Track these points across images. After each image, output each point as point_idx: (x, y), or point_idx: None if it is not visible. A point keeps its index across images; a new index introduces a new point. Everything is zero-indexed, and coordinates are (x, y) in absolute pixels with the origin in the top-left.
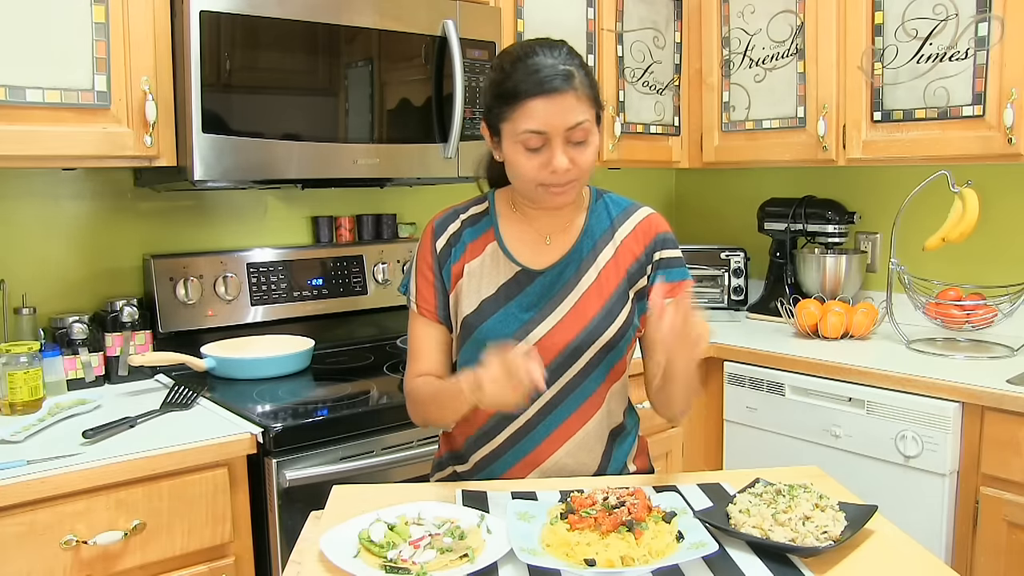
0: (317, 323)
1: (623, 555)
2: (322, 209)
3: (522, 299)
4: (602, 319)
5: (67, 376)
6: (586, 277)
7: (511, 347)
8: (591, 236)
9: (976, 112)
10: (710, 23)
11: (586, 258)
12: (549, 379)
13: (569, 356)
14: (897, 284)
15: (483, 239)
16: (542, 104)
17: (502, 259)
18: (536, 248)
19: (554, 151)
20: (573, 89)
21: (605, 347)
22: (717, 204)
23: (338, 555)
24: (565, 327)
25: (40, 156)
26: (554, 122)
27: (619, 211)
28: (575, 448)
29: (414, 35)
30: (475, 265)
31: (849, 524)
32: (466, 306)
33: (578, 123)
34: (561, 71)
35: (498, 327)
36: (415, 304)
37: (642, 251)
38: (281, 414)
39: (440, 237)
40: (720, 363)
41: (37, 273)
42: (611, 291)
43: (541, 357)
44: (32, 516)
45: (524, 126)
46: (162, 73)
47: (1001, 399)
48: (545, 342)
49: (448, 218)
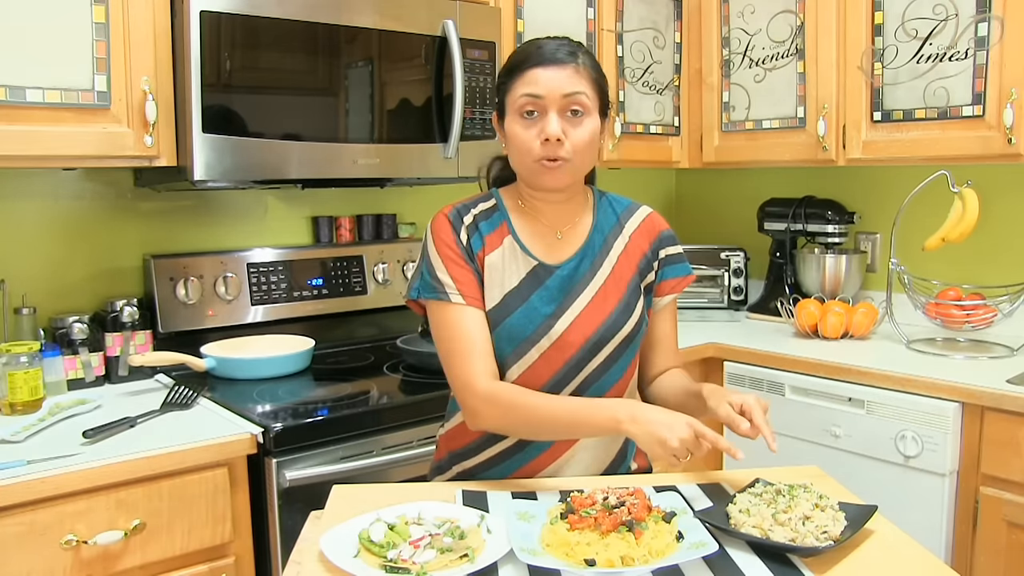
0: (317, 323)
1: (623, 555)
2: (322, 209)
3: (542, 293)
4: (621, 312)
5: (67, 376)
6: (601, 271)
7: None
8: (601, 231)
9: (976, 112)
10: (710, 23)
11: (599, 252)
12: (569, 373)
13: (590, 350)
14: (897, 284)
15: (499, 232)
16: (542, 71)
17: (519, 253)
18: (548, 243)
19: (547, 119)
20: (575, 63)
21: (625, 340)
22: (717, 204)
23: (338, 555)
24: (585, 321)
25: (40, 156)
26: (551, 85)
27: (623, 208)
28: (594, 442)
29: (414, 35)
30: (495, 257)
31: (849, 524)
32: (488, 300)
33: (575, 92)
34: (568, 47)
35: (522, 322)
36: (458, 294)
37: (648, 247)
38: (281, 414)
39: (460, 228)
40: (720, 363)
41: (37, 273)
42: (626, 284)
43: (563, 352)
44: (32, 516)
45: (521, 90)
46: (162, 73)
47: (1001, 399)
48: (566, 336)
49: (459, 212)
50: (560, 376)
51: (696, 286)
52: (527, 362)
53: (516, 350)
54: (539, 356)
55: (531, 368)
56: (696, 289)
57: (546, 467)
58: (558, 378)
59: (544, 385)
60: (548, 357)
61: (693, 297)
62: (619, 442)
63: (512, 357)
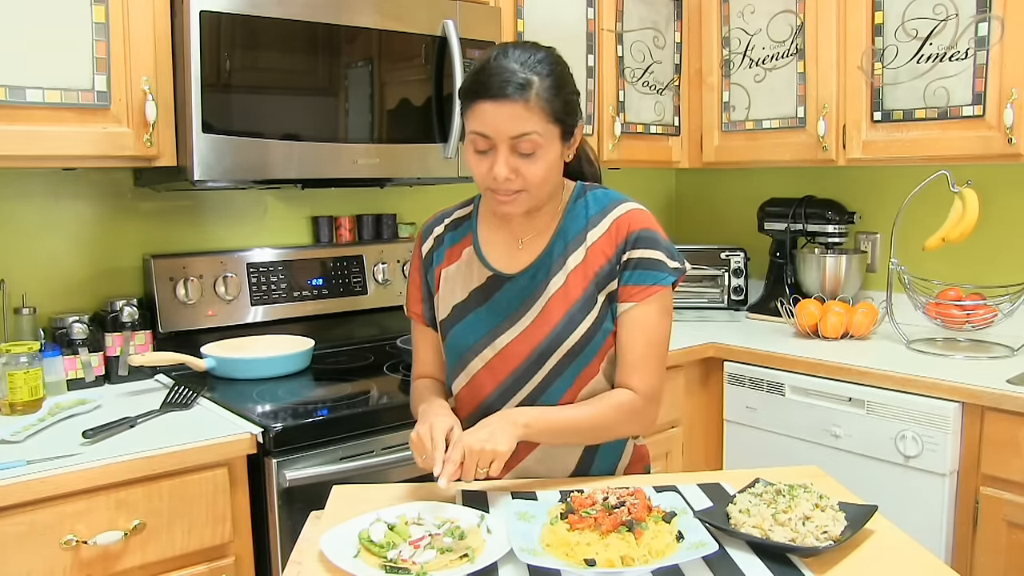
0: (317, 323)
1: (623, 555)
2: (322, 209)
3: (491, 305)
4: (565, 326)
5: (67, 376)
6: (553, 282)
7: (445, 426)
8: (563, 238)
9: (976, 112)
10: (710, 23)
11: (555, 262)
12: (515, 385)
13: (534, 362)
14: (897, 284)
15: (461, 244)
16: (490, 107)
17: (476, 264)
18: (510, 252)
19: (496, 158)
20: (524, 99)
21: (569, 353)
22: (717, 204)
23: (338, 555)
24: (530, 334)
25: (40, 156)
26: (498, 127)
27: (597, 210)
28: (543, 455)
29: (414, 35)
30: (452, 270)
31: (849, 524)
32: (442, 310)
33: (523, 134)
34: (518, 79)
35: (465, 333)
36: (405, 306)
37: (613, 252)
38: (281, 414)
39: (426, 241)
40: (720, 363)
41: (37, 273)
42: (577, 296)
43: (507, 363)
44: (32, 516)
45: (471, 126)
46: (162, 73)
47: (1001, 399)
48: (511, 348)
49: (434, 222)
50: (505, 387)
51: (696, 286)
52: (470, 372)
53: (461, 359)
54: (483, 366)
55: (474, 378)
56: (696, 289)
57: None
58: (503, 388)
59: (489, 395)
60: (492, 367)
61: (693, 297)
62: (576, 450)
63: (458, 366)
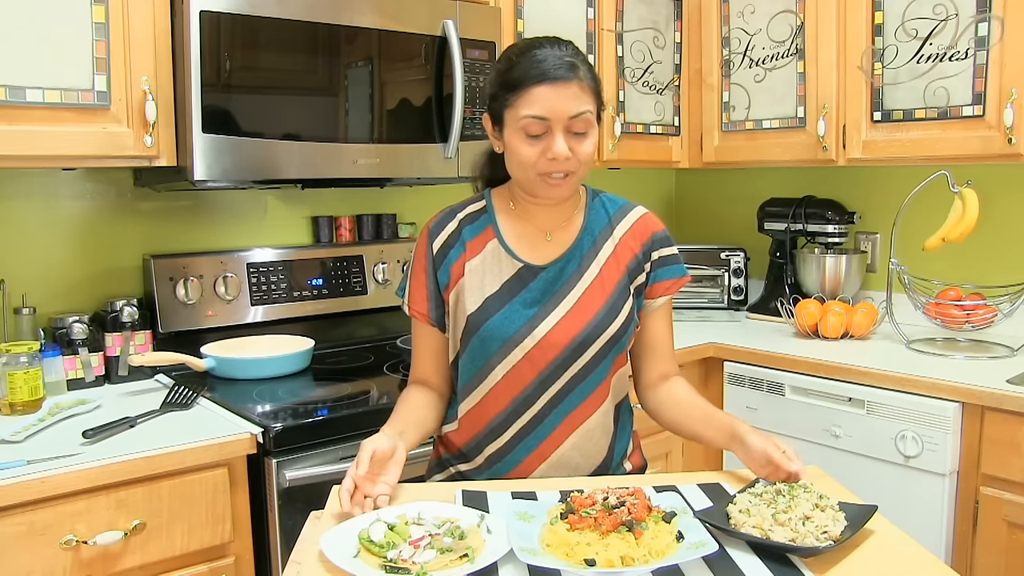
0: (317, 323)
1: (623, 555)
2: (322, 209)
3: (526, 295)
4: (606, 314)
5: (67, 376)
6: (588, 272)
7: (385, 452)
8: (591, 233)
9: (976, 112)
10: (710, 23)
11: (587, 254)
12: (555, 373)
13: (574, 351)
14: (897, 284)
15: (483, 236)
16: (546, 91)
17: (503, 256)
18: (537, 244)
19: (554, 137)
20: (578, 79)
21: (610, 341)
22: (717, 204)
23: (338, 555)
24: (570, 322)
25: (40, 156)
26: (557, 108)
27: (616, 209)
28: (581, 441)
29: (414, 35)
30: (476, 263)
31: (849, 524)
32: (470, 304)
33: (580, 112)
34: (566, 62)
35: (504, 324)
36: (407, 306)
37: (640, 249)
38: (281, 414)
39: (436, 238)
40: (720, 363)
41: (37, 273)
42: (613, 286)
43: (546, 352)
44: (32, 516)
45: (526, 111)
46: (162, 73)
47: (1001, 399)
48: (550, 337)
49: (444, 218)
50: (544, 376)
51: (696, 286)
52: (511, 362)
53: (500, 350)
54: (523, 356)
55: (515, 368)
56: (696, 289)
57: (535, 468)
58: (542, 378)
59: (529, 385)
60: (532, 357)
61: (693, 297)
62: (607, 436)
63: (496, 357)
